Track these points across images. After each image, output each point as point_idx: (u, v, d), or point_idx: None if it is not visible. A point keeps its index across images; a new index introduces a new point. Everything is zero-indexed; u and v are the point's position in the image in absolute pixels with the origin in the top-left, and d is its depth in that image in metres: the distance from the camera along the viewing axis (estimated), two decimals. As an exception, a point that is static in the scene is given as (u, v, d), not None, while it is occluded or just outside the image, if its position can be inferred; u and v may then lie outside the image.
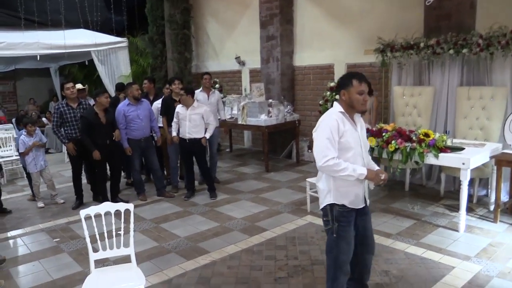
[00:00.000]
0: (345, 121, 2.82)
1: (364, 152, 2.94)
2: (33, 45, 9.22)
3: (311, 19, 8.06)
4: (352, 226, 2.91)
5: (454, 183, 5.86)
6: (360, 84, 2.79)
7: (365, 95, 2.80)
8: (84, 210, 3.05)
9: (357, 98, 2.79)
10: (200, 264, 4.05)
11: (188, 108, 5.92)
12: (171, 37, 10.37)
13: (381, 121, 6.36)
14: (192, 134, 5.94)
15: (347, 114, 2.85)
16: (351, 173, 2.75)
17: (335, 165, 2.73)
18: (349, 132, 2.81)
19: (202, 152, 6.12)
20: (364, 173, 2.78)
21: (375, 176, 2.83)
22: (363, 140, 2.95)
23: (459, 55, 5.53)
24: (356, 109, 2.84)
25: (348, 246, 2.90)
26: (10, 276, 4.00)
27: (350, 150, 2.81)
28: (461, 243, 4.26)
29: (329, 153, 2.74)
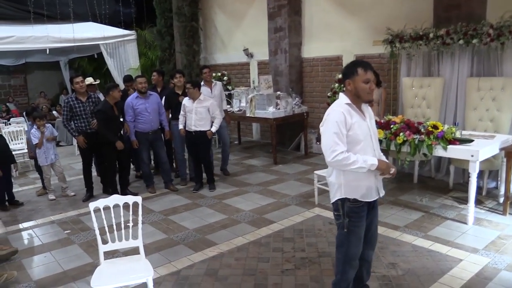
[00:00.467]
0: (353, 112, 2.73)
1: (375, 142, 2.85)
2: (43, 39, 9.29)
3: (319, 10, 8.00)
4: (363, 221, 2.85)
5: (464, 175, 5.82)
6: (366, 72, 2.69)
7: (371, 83, 2.70)
8: (93, 202, 3.08)
9: (363, 87, 2.70)
10: (208, 256, 4.09)
11: (194, 101, 5.95)
12: (179, 29, 10.37)
13: (390, 113, 6.32)
14: (198, 127, 5.98)
15: (354, 104, 2.76)
16: (362, 165, 2.66)
17: (345, 159, 2.65)
18: (357, 124, 2.72)
19: (207, 145, 6.16)
20: (375, 163, 2.70)
21: (385, 167, 2.75)
22: (373, 130, 2.85)
23: (469, 45, 5.46)
24: (363, 98, 2.75)
25: (358, 241, 2.86)
26: (23, 267, 4.08)
27: (359, 142, 2.73)
28: (469, 236, 4.24)
29: (338, 147, 2.66)
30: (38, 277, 3.86)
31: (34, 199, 6.26)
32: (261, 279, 3.59)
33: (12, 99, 14.38)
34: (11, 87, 15.23)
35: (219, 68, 10.15)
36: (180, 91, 6.44)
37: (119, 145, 5.76)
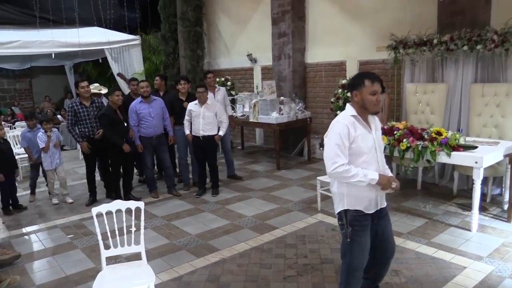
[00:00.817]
0: (357, 125, 2.73)
1: (379, 155, 2.84)
2: (48, 43, 9.35)
3: (323, 16, 8.01)
4: (367, 231, 2.83)
5: (468, 181, 5.79)
6: (373, 84, 2.69)
7: (378, 95, 2.70)
8: (95, 207, 3.09)
9: (370, 99, 2.69)
10: (210, 261, 4.08)
11: (202, 106, 5.96)
12: (183, 34, 10.40)
13: (393, 119, 6.31)
14: (205, 131, 5.99)
15: (360, 116, 2.75)
16: (362, 179, 2.67)
17: (345, 172, 2.66)
18: (362, 136, 2.72)
19: (214, 149, 6.21)
20: (376, 178, 2.69)
21: (386, 183, 2.73)
22: (378, 143, 2.84)
23: (473, 51, 5.45)
24: (369, 110, 2.74)
25: (361, 252, 2.84)
26: (26, 271, 4.08)
27: (362, 155, 2.73)
28: (473, 243, 4.22)
29: (339, 159, 2.67)
30: (40, 281, 3.87)
31: (38, 203, 6.27)
32: (263, 286, 3.58)
33: (18, 103, 14.46)
34: (16, 91, 15.31)
35: (223, 73, 10.17)
36: (184, 97, 6.46)
37: (125, 148, 5.77)
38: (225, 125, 6.16)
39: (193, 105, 6.04)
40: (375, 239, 2.92)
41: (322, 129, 8.12)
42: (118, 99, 5.75)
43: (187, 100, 6.35)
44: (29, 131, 6.35)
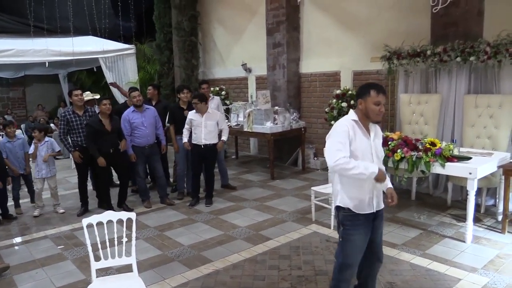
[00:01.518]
0: (356, 129, 2.88)
1: (376, 161, 2.93)
2: (42, 52, 9.30)
3: (318, 26, 8.05)
4: (360, 230, 2.91)
5: (462, 192, 5.78)
6: (378, 95, 2.83)
7: (381, 106, 2.85)
8: (86, 218, 3.04)
9: (373, 109, 2.84)
10: (203, 273, 4.03)
11: (203, 115, 5.94)
12: (178, 44, 10.43)
13: (387, 129, 6.31)
14: (207, 140, 5.98)
15: (361, 122, 2.90)
16: (363, 171, 2.75)
17: (346, 163, 2.75)
18: (359, 140, 2.86)
19: (214, 159, 6.22)
20: (375, 171, 2.77)
21: (384, 177, 2.84)
22: (376, 149, 2.95)
23: (466, 62, 5.48)
24: (371, 118, 2.89)
25: (353, 251, 2.93)
26: (13, 283, 4.00)
27: (356, 158, 2.83)
28: (468, 255, 4.19)
29: (340, 153, 2.78)
30: (29, 294, 3.79)
31: (29, 213, 6.17)
32: (256, 298, 3.53)
33: (10, 111, 14.36)
34: (9, 99, 15.22)
35: (218, 83, 10.17)
36: (185, 106, 6.43)
37: (100, 162, 5.66)
38: (226, 131, 6.19)
39: (193, 114, 6.01)
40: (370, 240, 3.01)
41: (316, 139, 8.12)
42: (106, 108, 5.64)
43: (188, 109, 6.32)
44: (8, 141, 6.07)
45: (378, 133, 3.03)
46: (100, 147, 5.66)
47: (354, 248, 2.93)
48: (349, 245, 2.92)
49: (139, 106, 6.01)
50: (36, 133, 6.00)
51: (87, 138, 5.69)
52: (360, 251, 2.95)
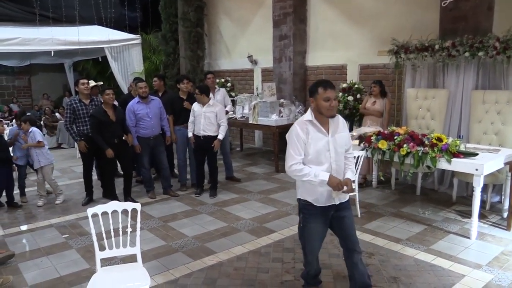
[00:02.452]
0: (310, 129, 2.95)
1: (335, 157, 3.00)
2: (48, 41, 9.31)
3: (325, 19, 7.99)
4: (317, 219, 3.07)
5: (467, 188, 5.76)
6: (325, 91, 2.89)
7: (331, 101, 2.89)
8: (91, 208, 3.04)
9: (323, 105, 2.90)
10: (207, 264, 4.04)
11: (203, 106, 5.93)
12: (184, 34, 10.37)
13: (394, 124, 6.28)
14: (206, 131, 5.97)
15: (317, 120, 2.96)
16: (313, 179, 2.91)
17: (297, 171, 2.93)
18: (314, 139, 2.94)
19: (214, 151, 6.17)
20: (325, 180, 2.89)
21: (335, 185, 2.89)
22: (336, 145, 3.00)
23: (475, 58, 5.42)
24: (324, 114, 2.94)
25: (311, 237, 3.14)
26: (19, 271, 4.02)
27: (309, 155, 2.95)
28: (473, 251, 4.18)
29: (292, 159, 2.95)
30: (33, 282, 3.80)
31: (34, 201, 6.19)
32: (259, 290, 3.54)
33: (16, 100, 14.41)
34: (15, 88, 15.27)
35: (223, 74, 10.14)
36: (185, 96, 6.41)
37: (108, 153, 5.65)
38: (224, 128, 6.10)
39: (196, 105, 6.01)
40: (334, 230, 3.17)
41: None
42: (109, 97, 5.61)
43: (188, 99, 6.31)
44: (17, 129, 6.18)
45: (340, 127, 3.05)
46: (104, 138, 5.65)
47: (312, 235, 3.13)
48: (307, 231, 3.14)
49: (145, 97, 6.00)
50: (22, 124, 5.94)
51: (93, 129, 5.67)
52: (318, 238, 3.15)
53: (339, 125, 3.05)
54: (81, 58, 12.75)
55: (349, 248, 3.14)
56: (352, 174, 3.11)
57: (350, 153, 3.17)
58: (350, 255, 3.14)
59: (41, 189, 6.11)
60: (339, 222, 3.11)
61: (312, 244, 3.18)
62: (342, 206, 3.09)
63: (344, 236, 3.14)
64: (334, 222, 3.12)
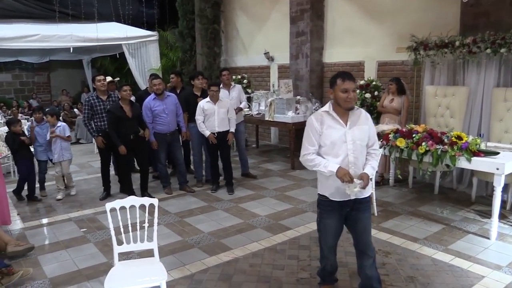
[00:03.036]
0: (327, 119, 2.96)
1: (352, 149, 2.95)
2: (67, 38, 9.44)
3: (342, 15, 7.91)
4: (332, 215, 3.08)
5: (487, 188, 5.66)
6: (343, 82, 2.88)
7: (349, 92, 2.87)
8: (109, 203, 3.07)
9: (340, 96, 2.89)
10: (223, 260, 4.05)
11: (215, 103, 5.95)
12: (201, 31, 10.40)
13: (412, 122, 6.19)
14: (220, 128, 6.02)
15: (335, 111, 2.96)
16: (322, 169, 2.93)
17: (308, 161, 2.98)
18: (330, 130, 2.94)
19: (228, 146, 6.25)
20: (334, 170, 2.89)
21: (342, 176, 2.86)
22: (354, 137, 2.95)
23: (496, 54, 5.30)
24: (342, 106, 2.92)
25: (327, 231, 3.16)
26: (38, 263, 4.10)
27: (325, 146, 2.96)
28: (492, 252, 4.10)
29: (305, 149, 3.01)
30: (52, 274, 3.87)
31: (52, 195, 6.29)
32: (275, 287, 3.53)
33: (35, 95, 14.65)
34: (34, 84, 15.54)
35: (239, 71, 10.14)
36: (199, 92, 6.44)
37: (121, 150, 5.70)
38: (234, 121, 6.19)
39: (205, 103, 6.01)
40: (349, 228, 3.17)
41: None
42: (126, 94, 5.65)
43: (202, 96, 6.33)
44: (37, 125, 6.20)
45: (361, 120, 2.99)
46: (121, 134, 5.70)
47: (327, 230, 3.16)
48: (322, 225, 3.17)
49: (159, 94, 6.03)
50: (49, 117, 6.07)
51: (109, 125, 5.74)
52: (333, 233, 3.16)
53: (360, 118, 3.01)
54: (99, 54, 12.92)
55: (360, 250, 3.12)
56: (372, 170, 3.03)
57: (375, 149, 3.10)
58: (360, 256, 3.13)
59: (59, 182, 6.21)
60: (353, 223, 3.10)
61: (327, 238, 3.19)
62: (359, 206, 3.04)
63: (356, 237, 3.13)
64: (349, 221, 3.11)
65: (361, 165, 3.01)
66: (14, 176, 7.40)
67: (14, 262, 4.05)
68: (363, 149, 3.01)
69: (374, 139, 3.10)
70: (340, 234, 3.21)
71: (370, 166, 3.03)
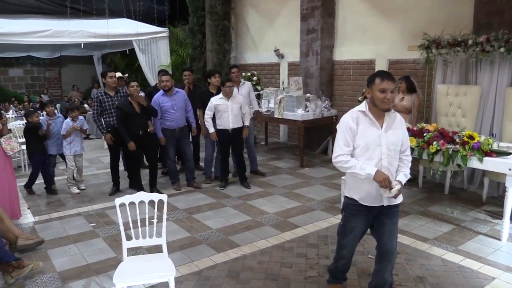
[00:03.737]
0: (362, 120, 2.86)
1: (387, 154, 2.85)
2: (78, 33, 9.50)
3: (353, 13, 7.85)
4: (358, 219, 3.01)
5: (498, 188, 5.58)
6: (382, 82, 2.78)
7: (387, 93, 2.76)
8: (119, 198, 3.07)
9: (378, 96, 2.79)
10: (231, 257, 4.05)
11: (229, 99, 5.95)
12: (211, 28, 10.39)
13: (423, 121, 6.13)
14: (234, 124, 6.05)
15: (371, 112, 2.86)
16: (359, 171, 2.82)
17: (343, 162, 2.87)
18: (365, 131, 2.84)
19: (242, 141, 6.29)
20: (372, 174, 2.79)
21: (382, 180, 2.78)
22: (388, 141, 2.85)
23: (510, 53, 5.23)
24: (378, 107, 2.82)
25: (348, 236, 3.09)
26: (48, 257, 4.13)
27: (359, 147, 2.87)
28: (503, 253, 4.05)
29: (339, 150, 2.89)
30: (62, 268, 3.90)
31: (63, 190, 6.33)
32: (283, 285, 3.53)
33: (47, 91, 14.77)
34: (45, 79, 15.66)
35: (249, 68, 10.12)
36: (215, 90, 6.43)
37: (130, 146, 5.71)
38: (248, 116, 6.23)
39: (218, 100, 6.01)
40: (373, 232, 3.09)
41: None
42: (134, 89, 5.63)
43: (217, 94, 6.32)
44: (50, 119, 6.21)
45: (396, 124, 2.90)
46: (130, 130, 5.72)
47: (351, 234, 3.08)
48: (345, 229, 3.10)
49: (168, 90, 6.03)
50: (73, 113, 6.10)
51: (118, 121, 5.75)
52: (355, 238, 3.11)
53: (395, 121, 2.91)
54: (109, 50, 12.98)
55: (383, 255, 3.04)
56: (404, 178, 2.92)
57: (407, 155, 3.00)
58: (382, 261, 3.06)
59: (71, 176, 6.27)
60: (378, 227, 3.02)
61: (349, 241, 3.13)
62: (388, 211, 2.95)
63: (381, 242, 3.04)
64: (375, 224, 3.04)
65: (394, 170, 2.92)
66: (25, 171, 7.48)
67: (24, 255, 4.09)
68: (396, 154, 2.92)
69: (407, 144, 3.01)
70: (363, 236, 3.16)
71: (403, 173, 2.93)
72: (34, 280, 3.69)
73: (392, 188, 2.80)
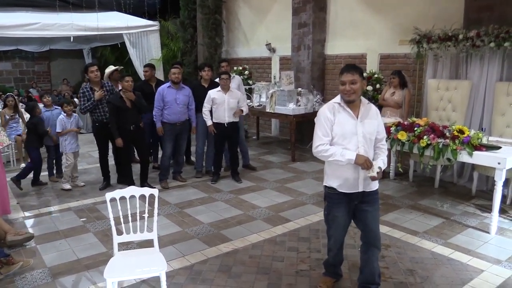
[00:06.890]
0: (339, 111, 2.96)
1: (362, 142, 2.95)
2: (67, 27, 9.38)
3: (345, 7, 7.85)
4: (341, 208, 3.08)
5: (487, 182, 5.65)
6: (341, 75, 2.93)
7: (346, 85, 2.88)
8: (109, 193, 3.05)
9: (340, 89, 2.95)
10: (222, 251, 4.05)
11: (226, 93, 5.93)
12: (202, 21, 10.33)
13: (413, 115, 6.17)
14: (230, 118, 6.02)
15: (346, 103, 2.97)
16: (339, 158, 2.91)
17: (324, 151, 2.95)
18: (342, 121, 2.94)
19: (238, 136, 6.30)
20: (352, 158, 2.89)
21: (363, 162, 2.88)
22: (364, 130, 2.96)
23: (500, 48, 5.27)
24: (343, 98, 2.96)
25: (334, 225, 3.17)
26: (38, 253, 4.10)
27: (336, 137, 2.96)
28: (492, 246, 4.10)
29: (319, 140, 2.98)
30: (52, 264, 3.87)
31: (52, 185, 6.28)
32: (275, 279, 3.54)
33: (35, 85, 14.58)
34: (34, 73, 15.46)
35: (241, 62, 10.08)
36: (207, 84, 6.40)
37: (117, 142, 5.67)
38: (246, 108, 6.29)
39: (215, 93, 5.99)
40: (357, 222, 3.17)
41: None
42: (128, 84, 5.57)
43: (209, 87, 6.29)
44: (47, 110, 6.33)
45: (370, 114, 3.01)
46: (120, 124, 5.67)
47: (334, 223, 3.16)
48: (330, 219, 3.17)
49: (177, 83, 5.99)
50: (68, 107, 6.02)
51: (110, 116, 5.70)
52: (340, 227, 3.17)
53: (370, 111, 3.02)
54: (99, 44, 12.83)
55: (369, 243, 3.12)
56: (382, 164, 3.01)
57: (383, 144, 3.10)
58: (368, 249, 3.13)
59: (74, 171, 6.25)
60: (362, 216, 3.09)
61: (334, 231, 3.21)
62: (368, 198, 3.05)
63: (365, 230, 3.13)
64: (357, 214, 3.11)
65: (371, 158, 2.99)
66: (13, 166, 7.41)
67: (13, 251, 4.06)
68: (372, 143, 3.02)
69: (383, 134, 3.11)
70: (348, 227, 3.22)
71: (381, 159, 3.01)
72: (24, 276, 3.66)
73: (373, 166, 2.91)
